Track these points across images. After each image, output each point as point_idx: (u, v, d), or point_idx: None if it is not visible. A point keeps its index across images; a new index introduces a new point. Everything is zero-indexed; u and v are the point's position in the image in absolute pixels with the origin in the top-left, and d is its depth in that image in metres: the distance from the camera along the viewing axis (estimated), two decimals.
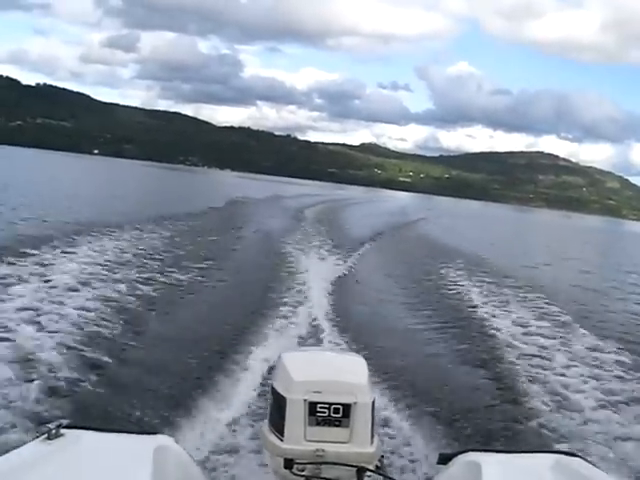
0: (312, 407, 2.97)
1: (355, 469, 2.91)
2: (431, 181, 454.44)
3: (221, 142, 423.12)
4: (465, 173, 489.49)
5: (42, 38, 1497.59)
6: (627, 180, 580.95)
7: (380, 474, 3.08)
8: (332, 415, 2.97)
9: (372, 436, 3.08)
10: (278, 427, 3.04)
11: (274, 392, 3.13)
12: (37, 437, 2.83)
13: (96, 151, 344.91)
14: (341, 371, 3.19)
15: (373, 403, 3.11)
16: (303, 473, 2.91)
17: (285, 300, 13.71)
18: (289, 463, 2.93)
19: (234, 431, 7.00)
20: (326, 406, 2.97)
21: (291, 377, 3.05)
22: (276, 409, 3.08)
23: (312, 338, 10.96)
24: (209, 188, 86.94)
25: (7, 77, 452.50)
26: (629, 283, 27.97)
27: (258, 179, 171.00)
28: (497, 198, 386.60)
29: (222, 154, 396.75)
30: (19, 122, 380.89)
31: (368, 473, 2.99)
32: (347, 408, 2.97)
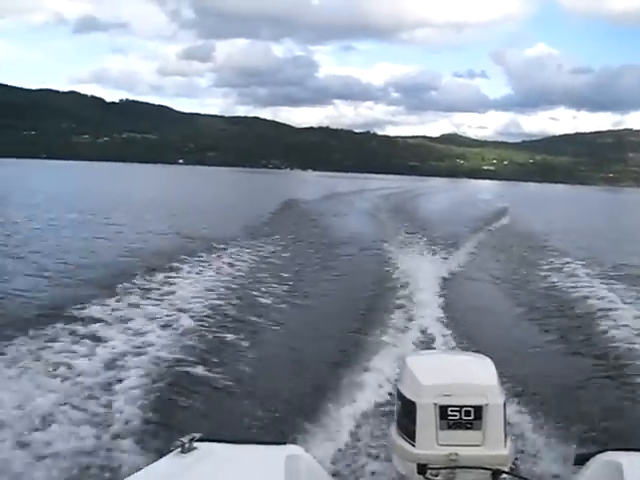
0: (443, 411, 2.90)
1: (490, 472, 2.85)
2: (515, 167, 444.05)
3: (301, 143, 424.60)
4: (550, 157, 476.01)
5: (121, 56, 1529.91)
6: None
7: (517, 476, 3.04)
8: (464, 418, 2.90)
9: (505, 438, 2.99)
10: (408, 432, 2.98)
11: (401, 397, 3.08)
12: (171, 451, 2.89)
13: (181, 160, 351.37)
14: (470, 373, 3.13)
15: (504, 404, 3.03)
16: (437, 478, 2.85)
17: (394, 300, 13.62)
18: (422, 468, 2.87)
19: (359, 436, 6.96)
20: (457, 409, 2.90)
21: (419, 381, 2.99)
22: (405, 414, 3.02)
23: (429, 340, 10.78)
24: (298, 187, 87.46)
25: (92, 96, 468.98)
26: None
27: (341, 177, 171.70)
28: (584, 180, 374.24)
29: (303, 155, 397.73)
30: (106, 138, 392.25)
31: (503, 475, 2.90)
32: (479, 410, 2.91)
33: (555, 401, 8.17)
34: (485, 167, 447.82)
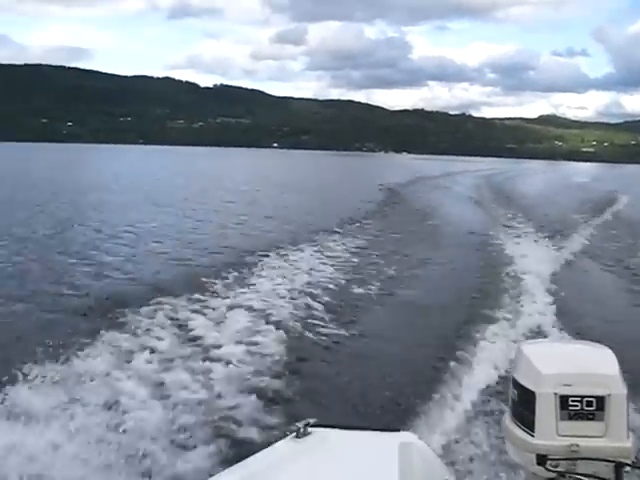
0: (563, 401, 2.81)
1: (612, 464, 2.71)
2: (616, 149, 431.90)
3: (395, 126, 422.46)
4: None
5: (214, 41, 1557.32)
6: None
7: None
8: (585, 408, 2.80)
9: (628, 430, 2.87)
10: (526, 422, 2.89)
11: (518, 385, 2.96)
12: (286, 435, 2.91)
13: (275, 144, 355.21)
14: (590, 362, 2.97)
15: (627, 395, 2.89)
16: (557, 469, 2.75)
17: (502, 287, 13.55)
18: (542, 459, 2.77)
19: (471, 424, 6.97)
20: (578, 399, 2.81)
21: (538, 370, 2.89)
22: (522, 403, 2.93)
23: (540, 328, 10.62)
24: (395, 170, 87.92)
25: (186, 81, 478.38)
26: None
27: (436, 159, 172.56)
28: None
29: (397, 138, 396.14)
30: (200, 123, 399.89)
31: (627, 469, 2.76)
32: (601, 401, 2.78)
33: None
34: (584, 149, 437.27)
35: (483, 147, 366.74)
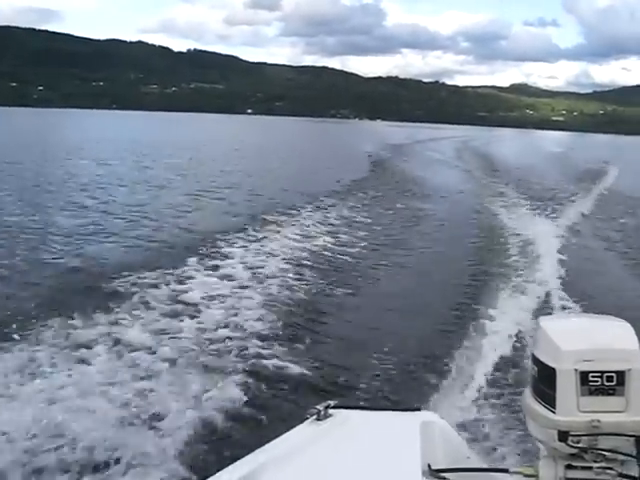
0: (584, 376, 2.77)
1: (634, 438, 2.72)
2: (585, 118, 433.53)
3: (370, 93, 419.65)
4: (621, 108, 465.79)
5: (188, 5, 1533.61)
6: None
7: None
8: (605, 384, 2.77)
9: None
10: (546, 398, 2.85)
11: (538, 362, 2.92)
12: (307, 418, 2.99)
13: (249, 110, 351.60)
14: (610, 337, 2.92)
15: None
16: (579, 445, 2.74)
17: (509, 259, 13.83)
18: (564, 435, 2.76)
19: (491, 401, 7.07)
20: (598, 375, 2.76)
21: (558, 346, 2.84)
22: (542, 379, 2.89)
23: (554, 301, 10.83)
24: (372, 137, 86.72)
25: (160, 46, 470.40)
26: None
27: (411, 127, 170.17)
28: None
29: (371, 105, 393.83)
30: (174, 88, 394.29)
31: None
32: (621, 375, 2.75)
33: None
34: (554, 118, 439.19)
35: (456, 115, 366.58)
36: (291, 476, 2.57)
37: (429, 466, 2.74)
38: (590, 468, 2.75)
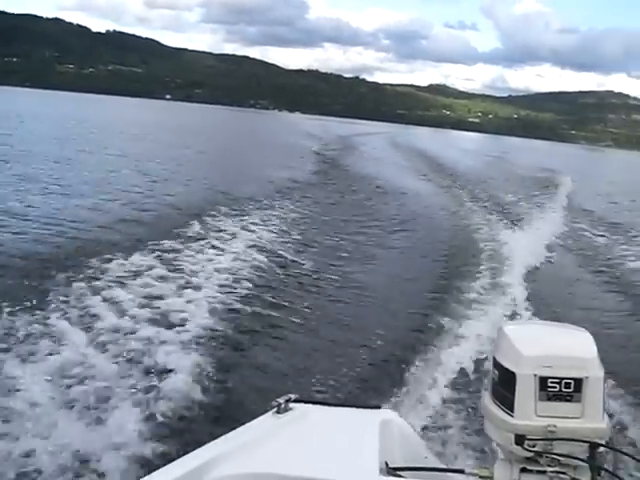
0: (543, 382, 2.88)
1: (588, 445, 2.83)
2: (500, 122, 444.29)
3: (290, 85, 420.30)
4: (534, 113, 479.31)
5: None
6: None
7: (614, 449, 2.99)
8: (563, 390, 2.88)
9: (603, 411, 2.97)
10: (505, 402, 2.95)
11: (498, 365, 3.01)
12: (267, 411, 3.03)
13: (168, 96, 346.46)
14: (570, 345, 3.05)
15: (604, 377, 2.97)
16: (534, 449, 2.85)
17: (471, 267, 13.74)
18: (520, 439, 2.86)
19: (450, 403, 7.18)
20: (557, 381, 2.88)
21: (519, 351, 2.94)
22: (502, 383, 2.98)
23: (518, 309, 10.92)
24: (298, 131, 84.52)
25: (77, 24, 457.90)
26: None
27: (333, 121, 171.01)
28: (565, 138, 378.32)
29: (291, 97, 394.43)
30: (91, 69, 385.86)
31: (601, 449, 2.86)
32: (579, 383, 2.86)
33: None
34: (471, 119, 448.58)
35: (375, 111, 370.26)
36: (247, 467, 2.61)
37: (387, 464, 2.83)
38: (544, 472, 2.85)
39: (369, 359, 8.55)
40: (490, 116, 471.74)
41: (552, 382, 2.85)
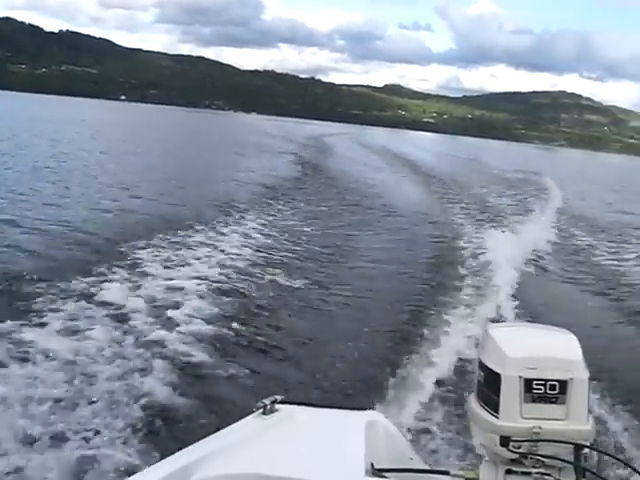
0: (528, 384, 2.88)
1: (572, 446, 2.84)
2: (455, 122, 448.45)
3: (246, 85, 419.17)
4: (488, 113, 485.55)
5: None
6: None
7: (599, 451, 3.01)
8: (548, 392, 2.88)
9: (588, 413, 2.98)
10: (490, 404, 2.95)
11: (484, 367, 3.02)
12: (253, 412, 3.03)
13: (123, 97, 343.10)
14: (555, 347, 3.05)
15: (589, 380, 2.98)
16: (519, 450, 2.84)
17: (458, 270, 13.76)
18: (505, 441, 2.85)
19: (436, 404, 7.20)
20: (542, 383, 2.88)
21: (504, 353, 2.94)
22: (487, 385, 2.99)
23: (504, 311, 10.93)
24: (260, 132, 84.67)
25: (30, 24, 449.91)
26: None
27: (290, 122, 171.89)
28: (519, 138, 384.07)
29: (247, 97, 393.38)
30: (44, 69, 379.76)
31: (585, 450, 2.86)
32: (564, 385, 2.88)
33: (635, 379, 8.45)
34: (426, 120, 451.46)
35: (331, 112, 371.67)
36: (232, 468, 2.60)
37: (372, 465, 2.80)
38: (529, 474, 2.85)
39: (355, 361, 8.57)
40: (445, 116, 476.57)
41: (537, 384, 2.87)
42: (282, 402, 3.09)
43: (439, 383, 7.73)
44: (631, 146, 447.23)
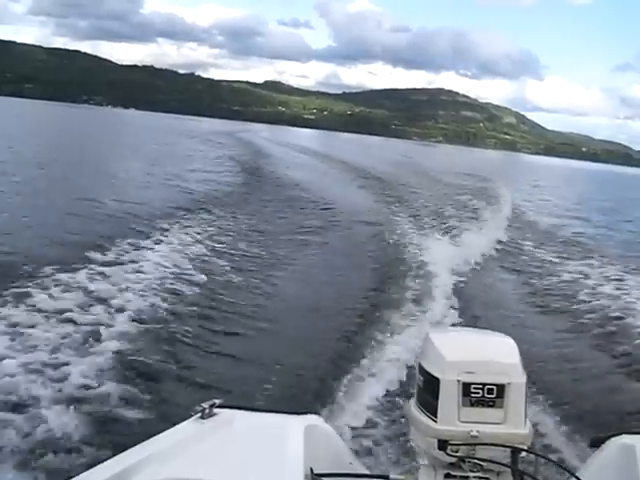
0: (466, 388, 2.90)
1: (510, 450, 2.86)
2: (335, 118, 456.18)
3: (124, 81, 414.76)
4: (368, 110, 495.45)
5: None
6: (523, 115, 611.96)
7: (536, 454, 3.02)
8: (486, 396, 2.90)
9: (525, 417, 3.00)
10: (429, 408, 2.97)
11: (424, 372, 3.04)
12: (192, 416, 2.97)
13: None
14: (493, 351, 3.09)
15: (526, 384, 3.01)
16: (457, 454, 2.88)
17: (401, 276, 13.23)
18: (443, 444, 2.88)
19: (376, 409, 7.13)
20: (480, 386, 2.90)
21: (443, 357, 2.98)
22: (427, 389, 3.01)
23: (446, 316, 10.76)
24: (145, 131, 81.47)
25: None
26: None
27: (173, 118, 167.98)
28: (398, 134, 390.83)
29: (126, 93, 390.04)
30: None
31: (523, 454, 2.90)
32: (501, 389, 2.89)
33: (570, 383, 8.60)
34: (306, 116, 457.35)
35: (211, 108, 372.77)
36: (169, 473, 2.52)
37: (311, 470, 2.75)
38: (467, 478, 2.89)
39: (296, 366, 8.33)
40: (325, 112, 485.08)
41: (475, 388, 2.89)
42: (221, 406, 3.06)
43: (380, 388, 7.61)
44: (505, 142, 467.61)
